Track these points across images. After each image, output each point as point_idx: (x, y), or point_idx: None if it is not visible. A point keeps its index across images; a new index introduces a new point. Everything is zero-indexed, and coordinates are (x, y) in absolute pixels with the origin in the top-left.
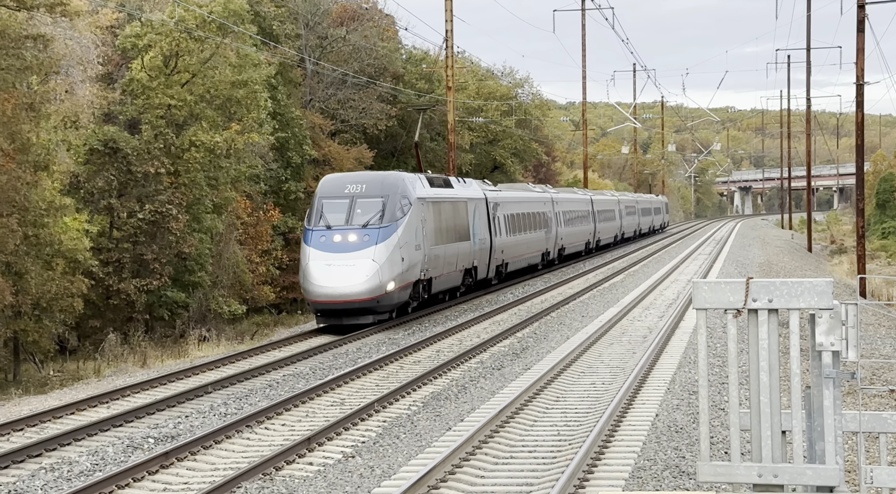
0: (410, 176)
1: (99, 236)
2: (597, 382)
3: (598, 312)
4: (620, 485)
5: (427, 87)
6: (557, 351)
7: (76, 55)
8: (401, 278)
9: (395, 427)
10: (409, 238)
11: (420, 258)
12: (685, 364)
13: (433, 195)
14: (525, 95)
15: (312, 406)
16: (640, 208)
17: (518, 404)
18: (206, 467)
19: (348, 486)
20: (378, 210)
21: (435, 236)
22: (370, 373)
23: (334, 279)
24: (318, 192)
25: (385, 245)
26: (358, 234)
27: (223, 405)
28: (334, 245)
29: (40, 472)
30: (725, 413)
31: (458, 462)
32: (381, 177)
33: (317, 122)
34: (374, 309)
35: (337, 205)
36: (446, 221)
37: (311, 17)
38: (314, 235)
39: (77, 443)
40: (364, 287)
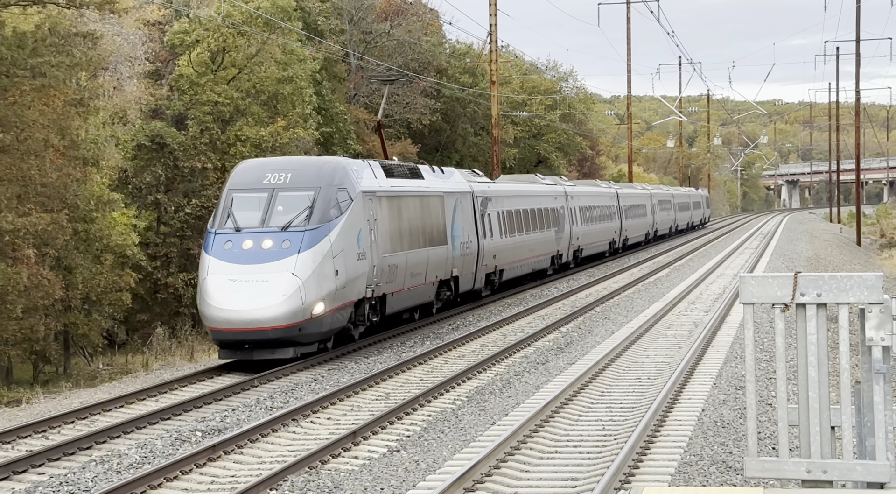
0: (357, 163)
1: (146, 231)
2: (642, 377)
3: (643, 307)
4: (666, 481)
5: (471, 81)
6: (602, 346)
7: (124, 52)
8: (334, 297)
9: (440, 422)
10: (348, 244)
11: (366, 270)
12: (731, 359)
13: (390, 188)
14: (569, 88)
15: (357, 400)
16: (676, 202)
17: (563, 398)
18: (253, 460)
19: (393, 480)
20: (305, 207)
21: (391, 241)
22: (414, 367)
23: (239, 300)
24: (229, 183)
25: (311, 254)
26: (275, 239)
27: (269, 398)
28: (243, 254)
29: (90, 464)
30: (773, 409)
31: (502, 456)
32: (313, 164)
33: (361, 117)
34: (295, 340)
35: (251, 200)
36: (410, 220)
37: (356, 13)
38: (217, 240)
39: (126, 436)
40: (280, 310)
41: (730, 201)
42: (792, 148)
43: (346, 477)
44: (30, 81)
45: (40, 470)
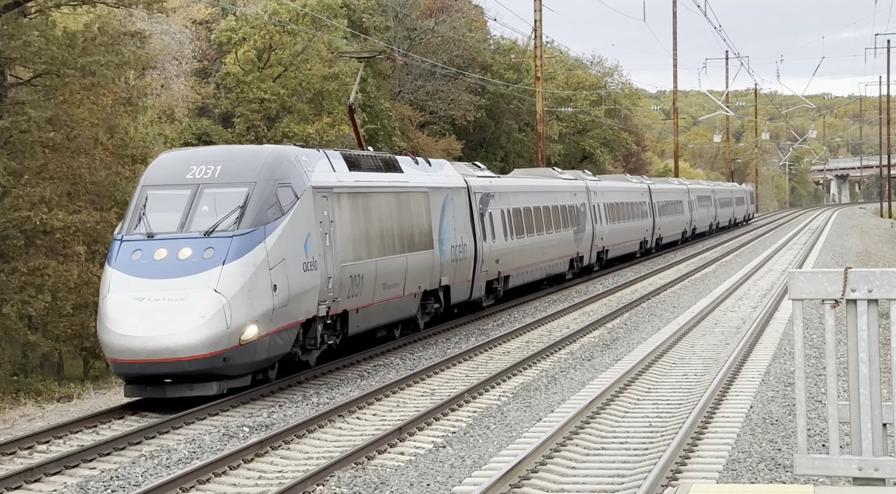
0: (309, 153)
1: None
2: (689, 373)
3: (690, 303)
4: (714, 478)
5: (515, 77)
6: (648, 342)
7: (171, 50)
8: (272, 318)
9: (485, 418)
10: (292, 252)
11: (317, 283)
12: (780, 356)
13: (353, 183)
14: (614, 84)
15: (403, 396)
16: (717, 198)
17: (609, 395)
18: (300, 456)
19: (439, 476)
20: (236, 207)
21: (355, 247)
22: (459, 364)
23: (147, 324)
24: (143, 177)
25: (240, 265)
26: (196, 247)
27: (315, 394)
28: (155, 266)
29: (140, 459)
30: (822, 405)
31: (548, 452)
32: (249, 154)
33: (406, 113)
34: (219, 372)
35: (169, 199)
36: (382, 221)
37: (401, 9)
38: (123, 249)
39: (175, 431)
40: (198, 336)
41: (778, 197)
42: (841, 142)
43: (392, 473)
44: (79, 79)
45: (91, 465)
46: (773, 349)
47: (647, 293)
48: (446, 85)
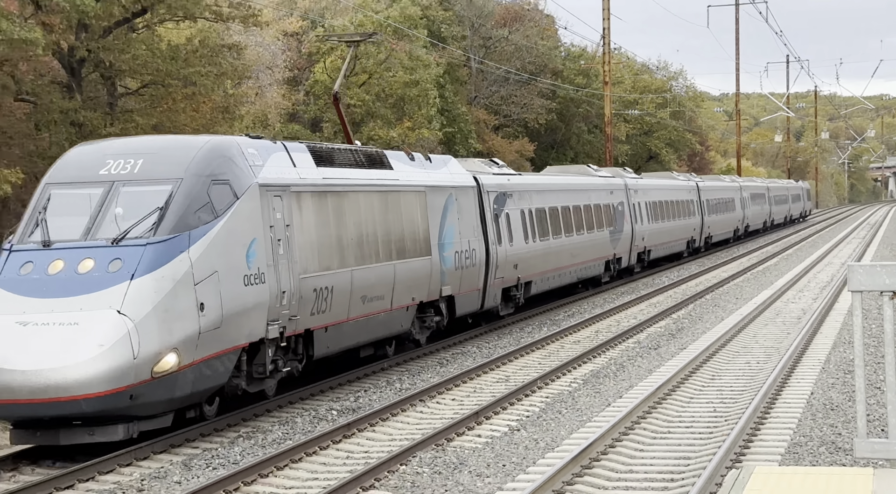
0: (258, 144)
1: None
2: (751, 361)
3: (752, 294)
4: (776, 460)
5: (584, 82)
6: (712, 332)
7: (265, 61)
8: (199, 344)
9: (557, 403)
10: (228, 262)
11: (264, 299)
12: (839, 345)
13: (321, 181)
14: (679, 87)
15: (479, 383)
16: (772, 195)
17: (674, 382)
18: (384, 437)
19: (514, 457)
20: (155, 208)
21: (321, 255)
22: (532, 352)
23: (30, 356)
24: (48, 173)
25: (153, 280)
26: (100, 258)
27: (398, 380)
28: (47, 283)
29: (238, 440)
30: (882, 392)
31: (617, 436)
32: (178, 145)
33: (481, 117)
34: (126, 412)
35: (76, 200)
36: (361, 225)
37: (476, 20)
38: (13, 260)
39: (269, 414)
40: (95, 369)
41: (837, 193)
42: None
43: (470, 454)
44: (182, 89)
45: (194, 445)
46: (833, 339)
47: (710, 286)
48: (519, 90)
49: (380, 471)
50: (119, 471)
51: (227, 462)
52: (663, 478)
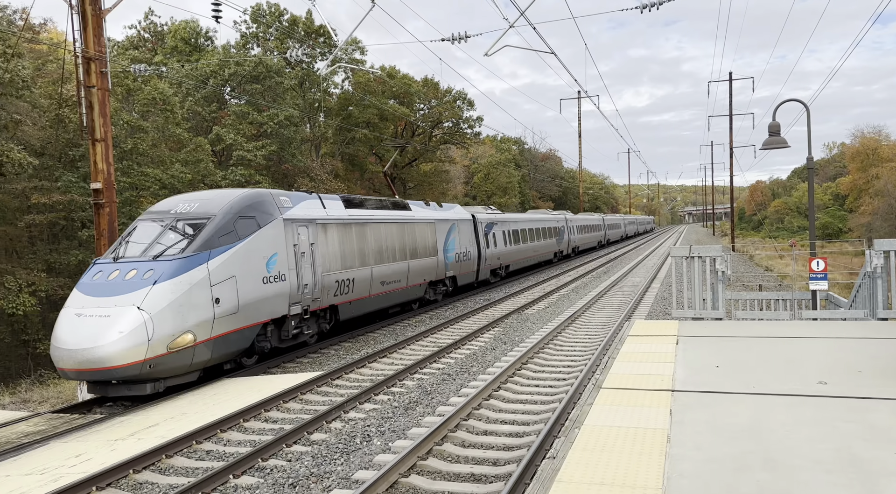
0: (292, 195)
1: None
2: (628, 288)
3: (621, 268)
4: (643, 318)
5: (571, 181)
6: (608, 282)
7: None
8: (216, 325)
9: (528, 319)
10: (246, 269)
11: (285, 291)
12: (660, 283)
13: (345, 217)
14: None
15: (466, 323)
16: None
17: (602, 293)
18: (396, 360)
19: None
20: (191, 235)
21: (343, 260)
22: (504, 301)
23: (76, 338)
24: (144, 212)
25: (171, 284)
26: (141, 269)
27: (420, 323)
28: (102, 286)
29: (306, 363)
30: (680, 293)
31: (582, 311)
32: (225, 194)
33: (533, 194)
34: (149, 376)
35: (149, 228)
36: (380, 240)
37: (533, 160)
38: (91, 270)
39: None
40: (115, 349)
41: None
42: None
43: (459, 359)
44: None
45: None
46: (661, 280)
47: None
48: (548, 184)
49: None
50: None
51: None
52: (604, 323)
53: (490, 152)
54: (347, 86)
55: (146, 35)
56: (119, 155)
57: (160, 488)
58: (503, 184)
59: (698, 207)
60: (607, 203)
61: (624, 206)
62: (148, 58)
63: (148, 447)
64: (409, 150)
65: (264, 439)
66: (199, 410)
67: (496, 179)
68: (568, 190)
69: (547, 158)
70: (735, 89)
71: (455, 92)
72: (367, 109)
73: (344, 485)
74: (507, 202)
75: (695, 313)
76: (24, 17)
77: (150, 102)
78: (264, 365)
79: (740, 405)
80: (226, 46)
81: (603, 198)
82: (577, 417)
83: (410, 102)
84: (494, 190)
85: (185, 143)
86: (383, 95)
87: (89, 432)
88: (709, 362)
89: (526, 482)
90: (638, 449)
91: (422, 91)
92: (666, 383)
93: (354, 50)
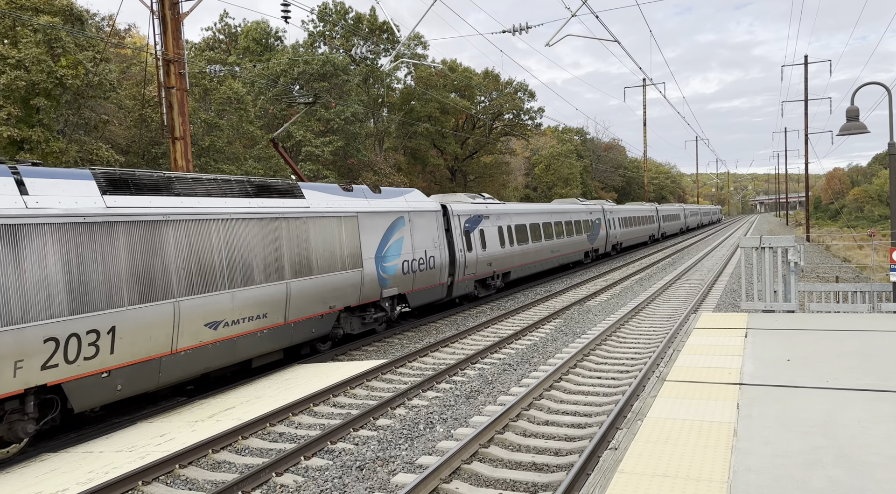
0: None
1: None
2: (695, 280)
3: (688, 259)
4: (711, 310)
5: (636, 170)
6: (675, 272)
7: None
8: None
9: (587, 311)
10: None
11: None
12: (729, 275)
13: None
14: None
15: (496, 327)
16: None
17: (670, 283)
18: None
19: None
20: None
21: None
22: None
23: None
24: None
25: None
26: None
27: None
28: None
29: (372, 350)
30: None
31: (646, 303)
32: None
33: (596, 185)
34: None
35: None
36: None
37: (595, 150)
38: None
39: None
40: None
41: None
42: None
43: (520, 349)
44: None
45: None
46: (729, 273)
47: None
48: (612, 174)
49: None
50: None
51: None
52: (670, 315)
53: (551, 143)
54: (410, 81)
55: (221, 37)
56: (197, 152)
57: (237, 467)
58: (564, 175)
59: (771, 196)
60: (673, 193)
61: (691, 195)
62: (223, 58)
63: (225, 428)
64: (470, 142)
65: (333, 423)
66: (273, 394)
67: (557, 170)
68: (632, 180)
69: (610, 148)
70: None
71: (516, 83)
72: (429, 103)
73: (408, 469)
74: (568, 193)
75: (765, 305)
76: (111, 24)
77: (225, 101)
78: (331, 353)
79: (813, 399)
80: (295, 45)
81: (669, 187)
82: (640, 409)
83: (471, 95)
84: (555, 181)
85: (258, 140)
86: (444, 89)
87: (172, 413)
88: (779, 355)
89: (588, 472)
90: (703, 442)
91: (482, 83)
92: (733, 376)
93: (417, 45)
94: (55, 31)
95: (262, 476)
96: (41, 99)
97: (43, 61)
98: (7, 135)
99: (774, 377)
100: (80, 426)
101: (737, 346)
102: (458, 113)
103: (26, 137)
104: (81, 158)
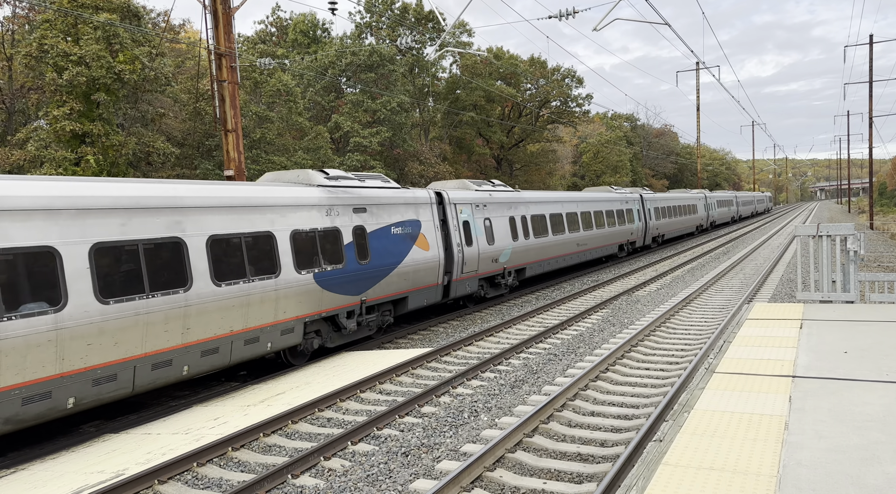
0: None
1: None
2: (755, 268)
3: (744, 247)
4: (766, 300)
5: (689, 156)
6: (728, 262)
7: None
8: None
9: (636, 301)
10: None
11: None
12: (785, 264)
13: None
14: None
15: (542, 316)
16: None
17: (725, 271)
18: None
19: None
20: None
21: None
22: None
23: None
24: None
25: None
26: None
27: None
28: None
29: (418, 339)
30: (807, 274)
31: (699, 292)
32: None
33: (647, 172)
34: None
35: None
36: None
37: (646, 137)
38: None
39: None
40: None
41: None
42: None
43: (566, 338)
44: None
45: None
46: (786, 262)
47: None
48: (663, 161)
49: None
50: None
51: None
52: (722, 306)
53: (600, 130)
54: (455, 69)
55: (272, 30)
56: (248, 144)
57: (286, 451)
58: (613, 162)
59: (832, 182)
60: (728, 180)
61: (747, 182)
62: (273, 51)
63: (276, 412)
64: (516, 130)
65: (379, 409)
66: (321, 380)
67: (606, 157)
68: (684, 167)
69: (661, 135)
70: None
71: (563, 70)
72: (474, 92)
73: (452, 457)
74: (617, 181)
75: (822, 295)
76: (166, 19)
77: (275, 93)
78: (379, 339)
79: (871, 393)
80: (342, 37)
81: (724, 174)
82: (687, 401)
83: (517, 83)
84: (604, 169)
85: (307, 131)
86: (490, 77)
87: (226, 398)
88: (836, 347)
89: (634, 464)
90: (752, 436)
91: (528, 71)
92: (786, 368)
93: (462, 33)
94: (113, 28)
95: (310, 459)
96: (101, 94)
97: (102, 57)
98: (70, 129)
99: (830, 369)
100: (139, 409)
101: (791, 337)
102: (503, 101)
103: (87, 131)
104: (140, 151)
